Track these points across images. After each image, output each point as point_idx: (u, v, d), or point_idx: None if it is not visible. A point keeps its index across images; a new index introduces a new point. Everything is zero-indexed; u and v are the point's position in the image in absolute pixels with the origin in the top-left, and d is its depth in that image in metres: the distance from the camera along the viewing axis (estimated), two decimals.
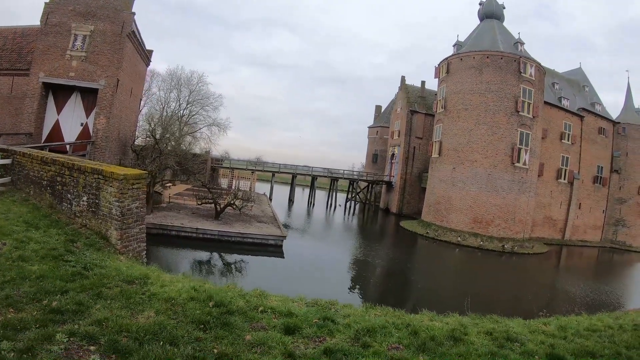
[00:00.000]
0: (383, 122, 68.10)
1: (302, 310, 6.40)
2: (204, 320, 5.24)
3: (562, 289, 24.25)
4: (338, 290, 17.25)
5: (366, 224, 47.16)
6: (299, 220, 40.20)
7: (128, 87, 28.77)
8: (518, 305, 17.46)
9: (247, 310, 5.97)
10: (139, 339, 4.44)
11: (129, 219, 9.13)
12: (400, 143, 54.90)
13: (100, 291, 5.92)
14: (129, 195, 9.03)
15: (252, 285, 16.03)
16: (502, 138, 36.69)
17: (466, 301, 11.33)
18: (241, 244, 23.51)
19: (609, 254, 49.00)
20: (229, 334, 4.93)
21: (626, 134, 54.41)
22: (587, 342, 6.72)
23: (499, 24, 43.21)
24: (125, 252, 9.06)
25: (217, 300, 6.06)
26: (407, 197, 53.58)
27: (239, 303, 6.19)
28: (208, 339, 4.71)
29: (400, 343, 5.47)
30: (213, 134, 64.96)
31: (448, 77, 40.80)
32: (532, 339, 6.61)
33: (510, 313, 10.34)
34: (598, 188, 52.23)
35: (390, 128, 61.97)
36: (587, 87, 55.96)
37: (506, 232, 36.87)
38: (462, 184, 37.66)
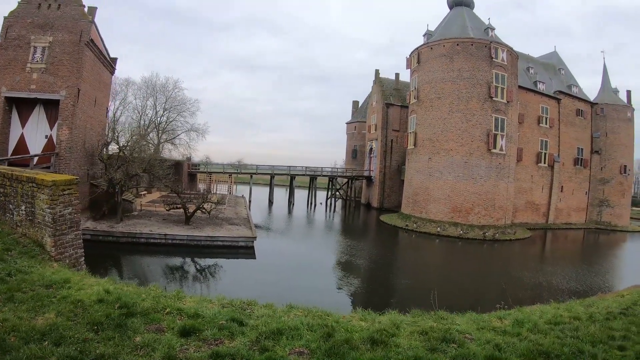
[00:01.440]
0: (360, 117, 68.90)
1: (212, 312, 6.29)
2: (99, 321, 5.31)
3: (540, 275, 24.30)
4: (304, 290, 17.54)
5: (346, 220, 47.65)
6: (277, 221, 40.52)
7: (91, 97, 28.71)
8: (489, 296, 17.84)
9: (152, 312, 5.97)
10: (25, 339, 4.60)
11: (62, 226, 9.25)
12: (378, 137, 55.63)
13: (12, 295, 6.15)
14: (60, 202, 9.16)
15: (208, 289, 16.68)
16: (477, 125, 37.23)
17: (432, 296, 11.08)
18: (211, 247, 23.93)
19: (594, 235, 49.91)
20: (120, 335, 4.97)
21: (605, 114, 55.40)
22: (543, 340, 6.22)
23: (469, 11, 43.85)
24: (61, 259, 9.19)
25: (123, 302, 6.10)
26: (388, 190, 54.10)
27: (145, 304, 6.19)
28: (95, 340, 4.78)
29: (308, 347, 5.18)
30: (192, 140, 65.21)
31: (419, 67, 41.33)
32: (478, 338, 6.12)
33: (476, 305, 10.56)
34: (579, 170, 53.16)
35: (367, 122, 62.73)
36: (562, 70, 56.91)
37: (487, 220, 37.40)
38: (439, 174, 38.19)
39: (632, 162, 59.06)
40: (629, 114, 56.77)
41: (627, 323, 7.91)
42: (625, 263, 34.04)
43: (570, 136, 51.65)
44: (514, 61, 41.18)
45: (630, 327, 7.45)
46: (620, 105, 56.60)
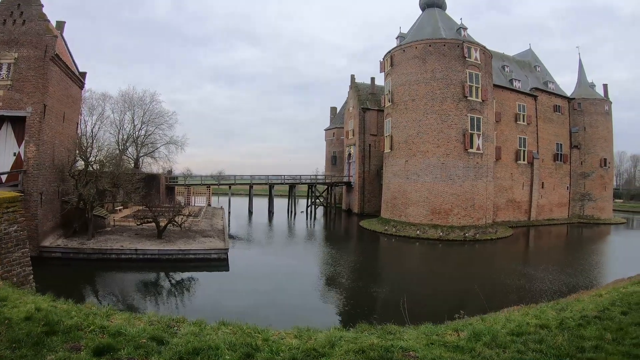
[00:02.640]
0: (339, 123, 69.56)
1: (136, 330, 6.23)
2: (19, 339, 5.38)
3: (519, 276, 24.34)
4: (271, 302, 17.56)
5: (325, 228, 47.92)
6: (256, 231, 40.76)
7: (59, 112, 28.66)
8: (462, 300, 17.71)
9: (75, 330, 5.99)
10: None
11: (7, 244, 9.35)
12: (356, 142, 56.34)
13: None
14: (4, 220, 9.23)
15: (167, 304, 16.85)
16: (453, 125, 37.78)
17: (402, 304, 11.17)
18: (183, 261, 23.95)
19: (578, 229, 50.87)
20: (34, 353, 5.02)
21: (582, 109, 56.60)
22: (500, 356, 5.87)
23: (441, 12, 44.57)
24: (8, 277, 9.26)
25: (48, 320, 6.15)
26: (368, 195, 54.58)
27: (70, 322, 6.22)
28: (9, 358, 4.86)
29: None
30: (171, 153, 65.02)
31: (393, 70, 41.89)
32: (423, 356, 5.81)
33: (444, 313, 10.65)
34: (559, 165, 54.12)
35: (345, 128, 63.51)
36: (538, 67, 58.10)
37: (467, 220, 37.85)
38: (416, 176, 38.65)
39: (611, 155, 60.45)
40: (607, 108, 58.08)
41: (602, 329, 7.69)
42: (608, 256, 34.59)
43: (548, 132, 52.65)
44: (488, 60, 41.89)
45: (604, 335, 7.16)
46: (597, 99, 57.91)
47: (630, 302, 11.36)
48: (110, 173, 29.34)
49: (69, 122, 31.35)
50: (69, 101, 31.24)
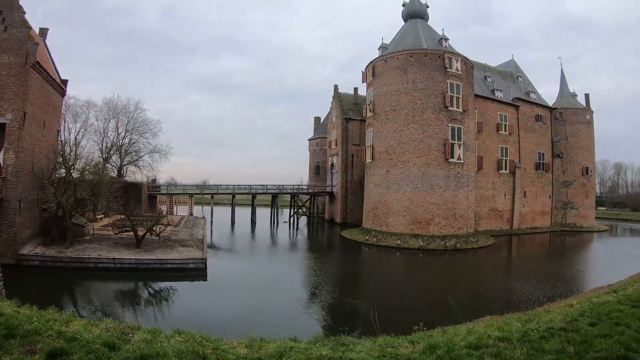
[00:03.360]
0: (322, 133, 70.24)
1: (91, 335, 6.40)
2: None
3: (497, 284, 24.85)
4: (243, 313, 17.78)
5: (307, 238, 48.25)
6: (237, 241, 41.08)
7: (39, 120, 28.70)
8: (435, 310, 18.05)
9: (33, 334, 6.16)
10: None
11: None
12: (338, 152, 56.97)
13: None
14: None
15: (138, 313, 16.87)
16: (433, 135, 38.29)
17: (373, 314, 11.23)
18: (160, 270, 24.07)
19: (560, 237, 51.74)
20: None
21: (564, 118, 57.56)
22: None
23: (423, 23, 45.21)
24: None
25: (8, 324, 6.35)
26: (350, 205, 54.96)
27: (29, 327, 6.41)
28: None
29: None
30: (155, 161, 64.83)
31: (374, 81, 42.43)
32: None
33: (413, 323, 10.63)
34: (541, 174, 54.94)
35: (328, 138, 64.17)
36: (520, 77, 59.10)
37: (448, 230, 38.28)
38: (397, 186, 39.04)
39: (593, 163, 61.45)
40: (588, 117, 59.13)
41: (565, 342, 7.66)
42: (590, 264, 35.18)
43: (530, 142, 53.50)
44: (469, 70, 42.53)
45: (566, 348, 7.11)
46: (579, 108, 58.94)
47: (601, 312, 11.44)
48: (89, 181, 29.31)
49: (49, 129, 31.33)
50: (49, 108, 31.25)
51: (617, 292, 15.17)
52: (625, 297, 13.78)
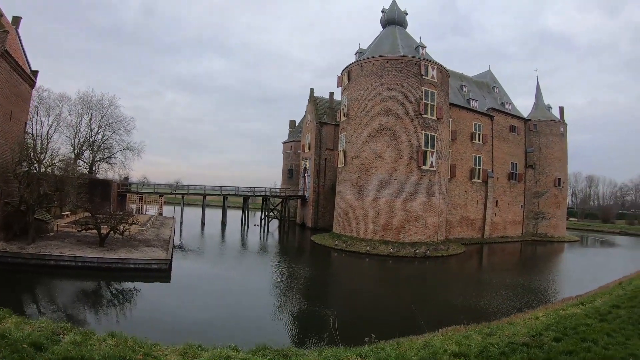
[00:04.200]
0: (297, 137, 69.62)
1: (21, 334, 6.34)
2: None
3: (465, 293, 24.09)
4: (201, 316, 17.08)
5: (277, 241, 47.22)
6: (205, 243, 40.01)
7: (6, 111, 27.57)
8: (398, 319, 17.44)
9: None
10: None
11: None
12: (312, 156, 56.22)
13: None
14: None
15: (88, 313, 15.95)
16: (406, 142, 37.77)
17: (332, 323, 10.75)
18: (122, 270, 23.22)
19: (531, 246, 51.86)
20: None
21: (538, 130, 57.84)
22: None
23: (401, 30, 44.79)
24: None
25: None
26: (322, 210, 54.20)
27: None
28: None
29: None
30: (127, 159, 63.31)
31: (350, 85, 41.77)
32: None
33: (378, 332, 10.44)
34: (514, 184, 55.01)
35: (302, 141, 63.44)
36: (496, 88, 59.18)
37: (418, 237, 37.74)
38: (368, 192, 38.40)
39: (566, 174, 61.74)
40: (562, 129, 59.50)
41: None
42: (560, 274, 34.76)
43: (504, 152, 53.55)
44: (445, 79, 42.20)
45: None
46: (553, 120, 59.28)
47: (567, 326, 10.92)
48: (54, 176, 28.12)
49: (16, 121, 30.09)
50: (17, 99, 30.03)
51: (585, 305, 14.68)
52: (593, 309, 13.38)
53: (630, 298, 14.86)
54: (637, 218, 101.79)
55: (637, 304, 13.57)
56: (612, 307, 13.37)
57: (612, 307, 13.48)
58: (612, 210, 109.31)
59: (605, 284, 21.45)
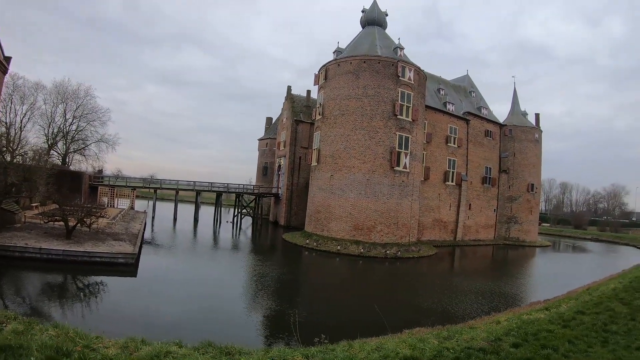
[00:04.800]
0: (272, 134, 69.04)
1: None
2: None
3: (432, 295, 23.73)
4: (160, 312, 16.57)
5: (247, 238, 46.31)
6: (176, 238, 39.11)
7: None
8: (361, 321, 16.85)
9: None
10: None
11: None
12: (286, 154, 55.77)
13: None
14: None
15: (43, 307, 15.17)
16: (380, 142, 37.49)
17: (293, 322, 10.69)
18: (88, 263, 22.61)
19: (503, 250, 52.18)
20: None
21: (513, 135, 58.15)
22: None
23: (380, 31, 44.51)
24: None
25: None
26: (295, 208, 53.70)
27: None
28: None
29: None
30: (101, 151, 61.86)
31: (326, 84, 41.34)
32: None
33: (340, 332, 10.51)
34: (487, 188, 55.24)
35: (277, 139, 62.95)
36: (474, 92, 59.42)
37: (390, 238, 37.48)
38: (341, 191, 38.02)
39: (539, 180, 62.36)
40: (537, 136, 59.99)
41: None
42: (529, 278, 34.75)
43: (478, 156, 53.71)
44: (422, 81, 42.07)
45: None
46: (529, 127, 59.73)
47: (528, 332, 10.65)
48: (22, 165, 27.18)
49: None
50: None
51: (549, 310, 14.49)
52: (557, 315, 13.14)
53: (596, 304, 14.77)
54: (608, 225, 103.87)
55: (602, 311, 13.43)
56: (577, 313, 13.22)
57: (577, 313, 13.33)
58: (584, 216, 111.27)
59: (574, 289, 21.39)
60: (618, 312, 13.12)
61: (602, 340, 9.94)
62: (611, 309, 13.67)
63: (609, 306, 14.16)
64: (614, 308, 13.75)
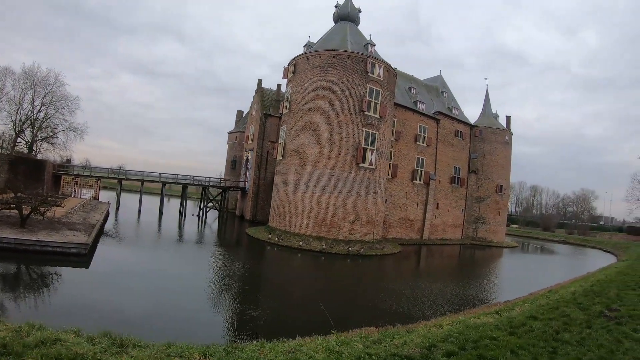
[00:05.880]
0: (242, 127, 67.96)
1: None
2: None
3: (388, 294, 22.66)
4: (101, 302, 15.74)
5: (210, 232, 44.92)
6: (137, 230, 37.90)
7: None
8: (306, 319, 16.20)
9: None
10: None
11: None
12: (254, 147, 54.67)
13: None
14: None
15: None
16: (346, 138, 36.72)
17: (232, 320, 11.11)
18: (41, 253, 21.74)
19: (470, 250, 52.02)
20: None
21: (483, 136, 58.06)
22: None
23: (352, 26, 43.70)
24: None
25: None
26: (261, 202, 52.73)
27: None
28: None
29: None
30: (69, 140, 59.92)
31: (294, 77, 40.43)
32: None
33: (281, 329, 10.55)
34: (456, 188, 55.09)
35: (246, 132, 61.84)
36: (445, 93, 59.15)
37: (353, 234, 36.77)
38: (304, 186, 37.15)
39: (508, 182, 62.46)
40: (507, 138, 60.07)
41: None
42: (492, 279, 34.11)
43: (448, 155, 53.47)
44: (392, 78, 41.43)
45: None
46: (499, 129, 59.73)
47: (469, 338, 9.57)
48: None
49: None
50: None
51: (500, 314, 13.40)
52: (507, 320, 12.05)
53: (552, 309, 13.76)
54: (577, 228, 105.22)
55: (556, 316, 12.42)
56: (529, 318, 12.14)
57: (529, 318, 12.27)
58: (553, 219, 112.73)
59: (536, 291, 20.87)
60: (574, 318, 12.10)
61: (551, 351, 8.89)
62: (567, 314, 12.68)
63: (564, 311, 13.16)
64: (569, 314, 12.71)
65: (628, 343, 9.49)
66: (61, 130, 60.17)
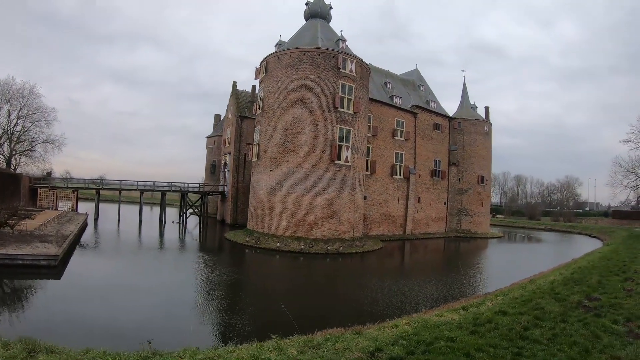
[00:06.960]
0: (220, 131, 66.82)
1: None
2: None
3: (365, 293, 21.54)
4: (66, 313, 15.23)
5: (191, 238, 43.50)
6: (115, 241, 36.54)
7: None
8: (271, 321, 15.13)
9: None
10: None
11: None
12: (231, 150, 53.50)
13: None
14: None
15: None
16: (320, 135, 35.98)
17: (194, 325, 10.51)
18: (10, 266, 21.01)
19: (454, 243, 51.34)
20: None
21: (462, 128, 57.64)
22: None
23: (323, 23, 42.91)
24: None
25: None
26: (241, 206, 51.66)
27: None
28: None
29: None
30: (47, 152, 58.62)
31: (266, 77, 39.59)
32: None
33: (246, 332, 10.39)
34: (437, 181, 54.57)
35: (223, 136, 60.93)
36: (422, 86, 58.68)
37: (332, 233, 36.01)
38: (280, 187, 36.28)
39: (490, 172, 62.02)
40: (486, 128, 59.66)
41: None
42: (476, 271, 32.85)
43: (427, 149, 52.91)
44: (365, 73, 40.69)
45: None
46: (478, 119, 59.32)
47: (422, 340, 8.43)
48: None
49: None
50: None
51: (466, 309, 12.20)
52: (473, 316, 10.83)
53: (525, 301, 12.48)
54: (562, 215, 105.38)
55: (528, 310, 11.13)
56: (497, 314, 10.85)
57: (497, 313, 10.97)
58: (537, 207, 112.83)
59: (519, 281, 19.89)
60: (548, 311, 10.88)
61: (515, 352, 7.64)
62: (540, 307, 11.42)
63: (538, 303, 11.90)
64: (544, 306, 11.48)
65: (607, 338, 8.39)
66: (39, 143, 59.01)
